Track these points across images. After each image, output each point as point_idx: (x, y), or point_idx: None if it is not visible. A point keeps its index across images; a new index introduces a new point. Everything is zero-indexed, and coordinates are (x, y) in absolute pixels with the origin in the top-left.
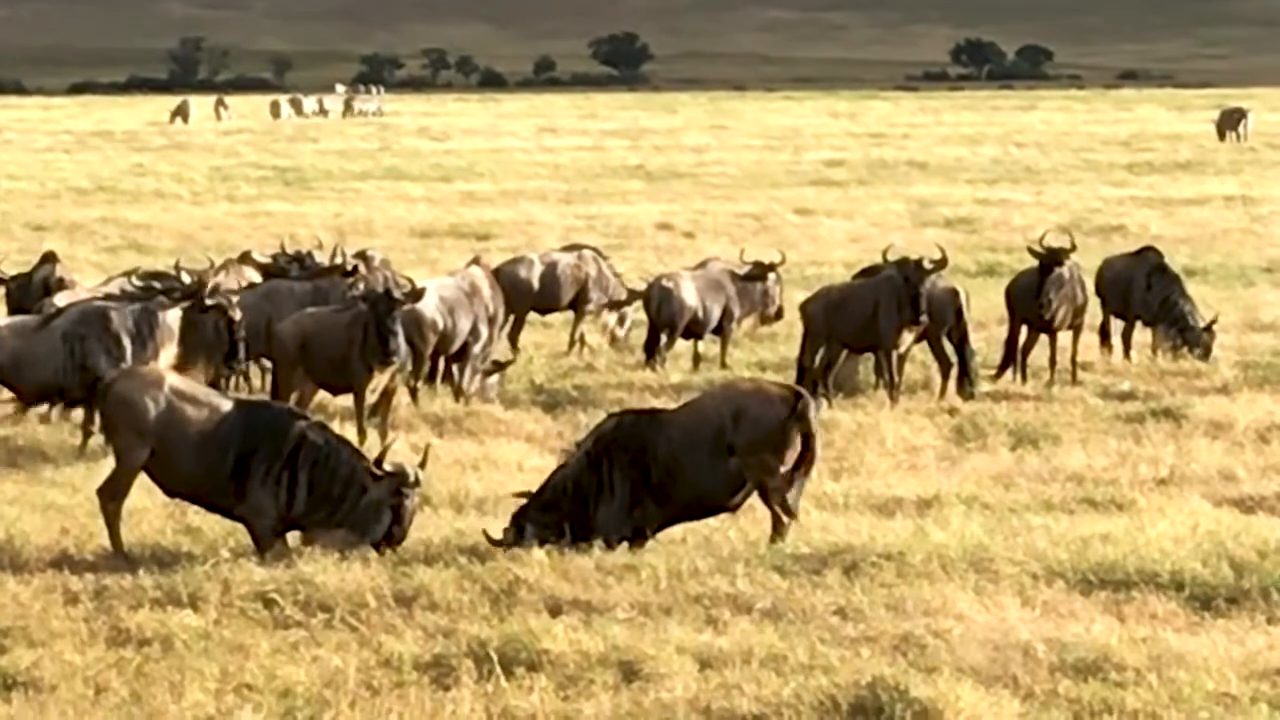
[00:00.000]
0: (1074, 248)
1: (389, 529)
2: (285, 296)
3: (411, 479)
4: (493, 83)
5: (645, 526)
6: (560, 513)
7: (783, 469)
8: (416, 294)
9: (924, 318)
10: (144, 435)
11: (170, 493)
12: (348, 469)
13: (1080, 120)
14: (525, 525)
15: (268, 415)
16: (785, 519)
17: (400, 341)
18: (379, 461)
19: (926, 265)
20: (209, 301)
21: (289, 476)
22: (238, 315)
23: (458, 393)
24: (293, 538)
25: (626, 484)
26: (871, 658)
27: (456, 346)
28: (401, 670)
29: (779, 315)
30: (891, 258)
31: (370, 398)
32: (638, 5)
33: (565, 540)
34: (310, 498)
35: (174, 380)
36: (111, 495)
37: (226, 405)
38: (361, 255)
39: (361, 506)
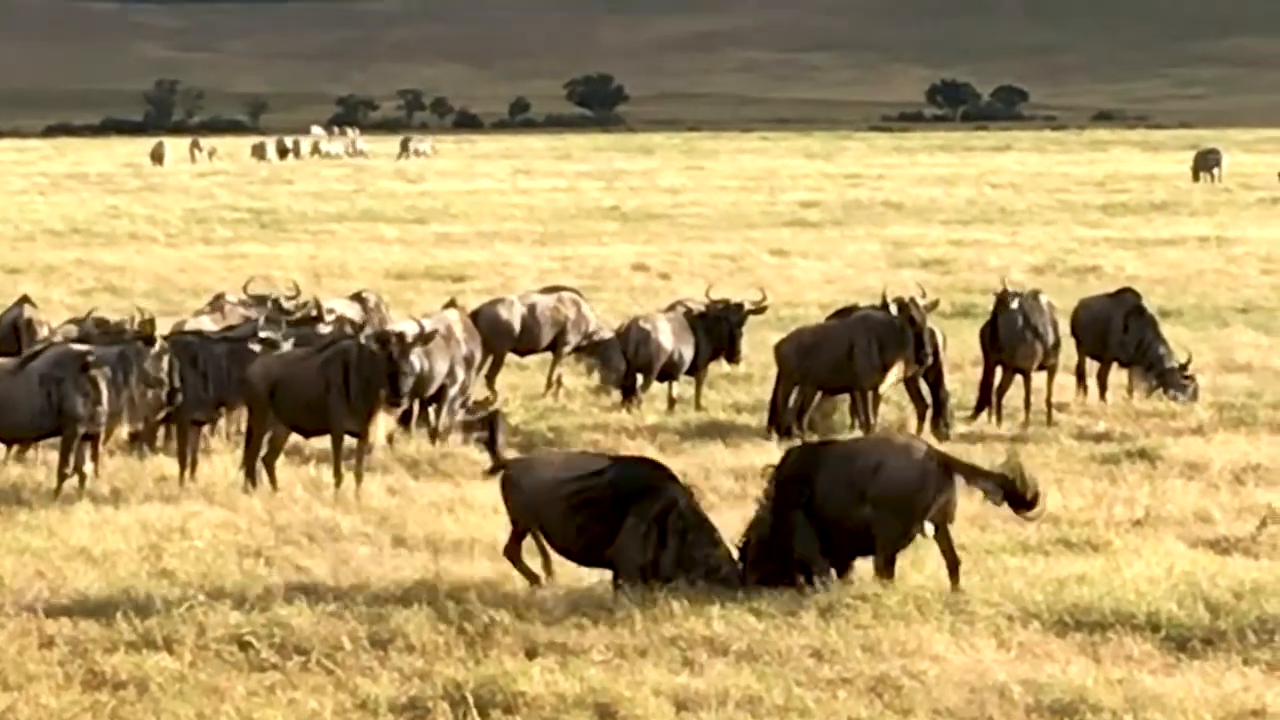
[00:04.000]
0: (1035, 294)
1: None
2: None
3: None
4: (468, 124)
5: (836, 555)
6: (770, 553)
7: (909, 533)
8: (427, 337)
9: (929, 358)
10: None
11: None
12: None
13: (1055, 161)
14: (753, 571)
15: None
16: (886, 576)
17: (410, 383)
18: None
19: (923, 305)
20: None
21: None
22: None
23: (434, 435)
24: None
25: (803, 513)
26: (848, 699)
27: (433, 389)
28: (377, 713)
29: (738, 358)
30: (890, 298)
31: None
32: (613, 46)
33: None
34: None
35: None
36: None
37: None
38: (358, 297)
39: None
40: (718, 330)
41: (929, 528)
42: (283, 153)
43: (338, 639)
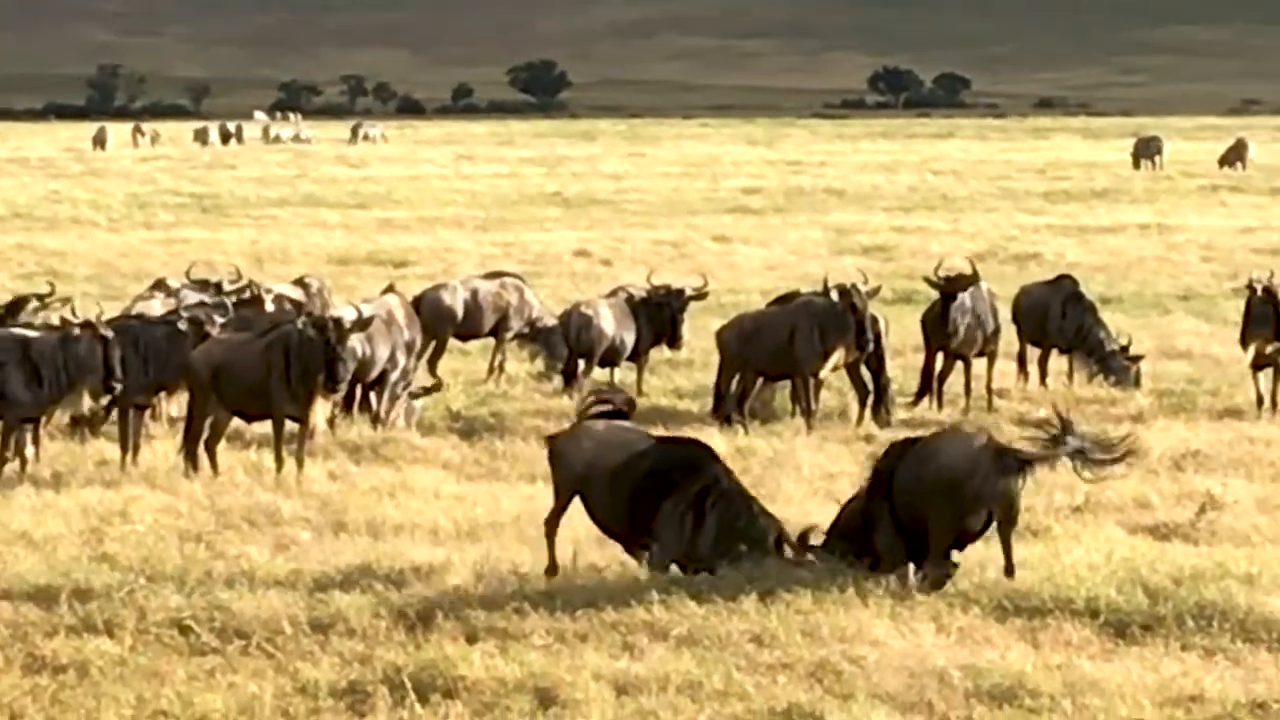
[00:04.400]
0: (975, 275)
1: None
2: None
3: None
4: (410, 110)
5: (917, 550)
6: (850, 540)
7: (959, 524)
8: (365, 323)
9: (870, 344)
10: None
11: None
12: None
13: (997, 148)
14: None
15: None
16: (935, 574)
17: (349, 368)
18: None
19: (865, 292)
20: (76, 323)
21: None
22: (110, 335)
23: (375, 420)
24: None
25: (885, 507)
26: (787, 684)
27: (375, 374)
28: (317, 697)
29: (679, 344)
30: (832, 284)
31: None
32: (555, 33)
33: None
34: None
35: None
36: None
37: None
38: (300, 282)
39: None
40: (659, 316)
41: (985, 521)
42: (225, 138)
43: (278, 623)
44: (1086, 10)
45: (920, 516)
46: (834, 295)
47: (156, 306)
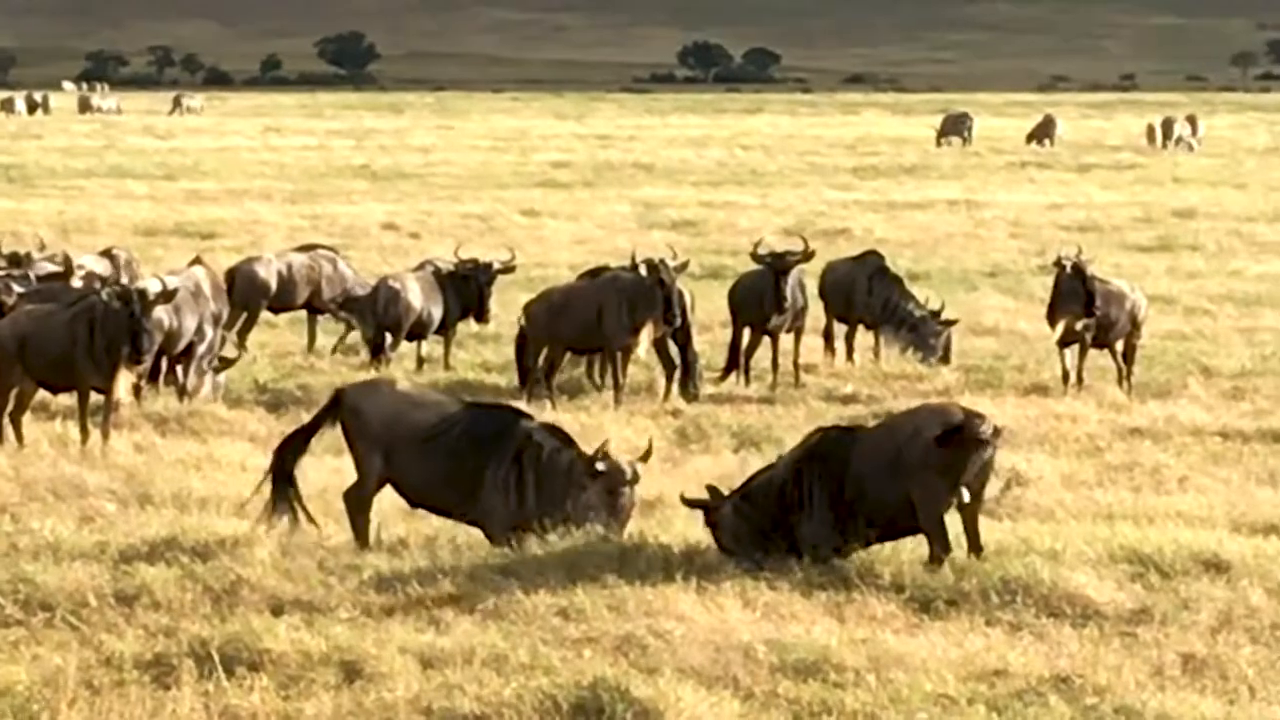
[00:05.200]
0: (809, 252)
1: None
2: None
3: (629, 475)
4: (219, 81)
5: (853, 540)
6: (761, 512)
7: (950, 496)
8: (169, 295)
9: (677, 319)
10: None
11: None
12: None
13: (806, 124)
14: (727, 505)
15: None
16: (940, 553)
17: (154, 340)
18: (596, 458)
19: (673, 266)
20: None
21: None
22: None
23: (181, 392)
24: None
25: (826, 498)
26: (593, 658)
27: (181, 346)
28: (122, 669)
29: (486, 318)
30: (640, 259)
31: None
32: (364, 5)
33: (759, 542)
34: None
35: None
36: None
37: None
38: (108, 253)
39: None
40: (467, 290)
41: (964, 493)
42: (32, 108)
43: (83, 595)
44: None
45: (893, 501)
46: (642, 270)
47: None
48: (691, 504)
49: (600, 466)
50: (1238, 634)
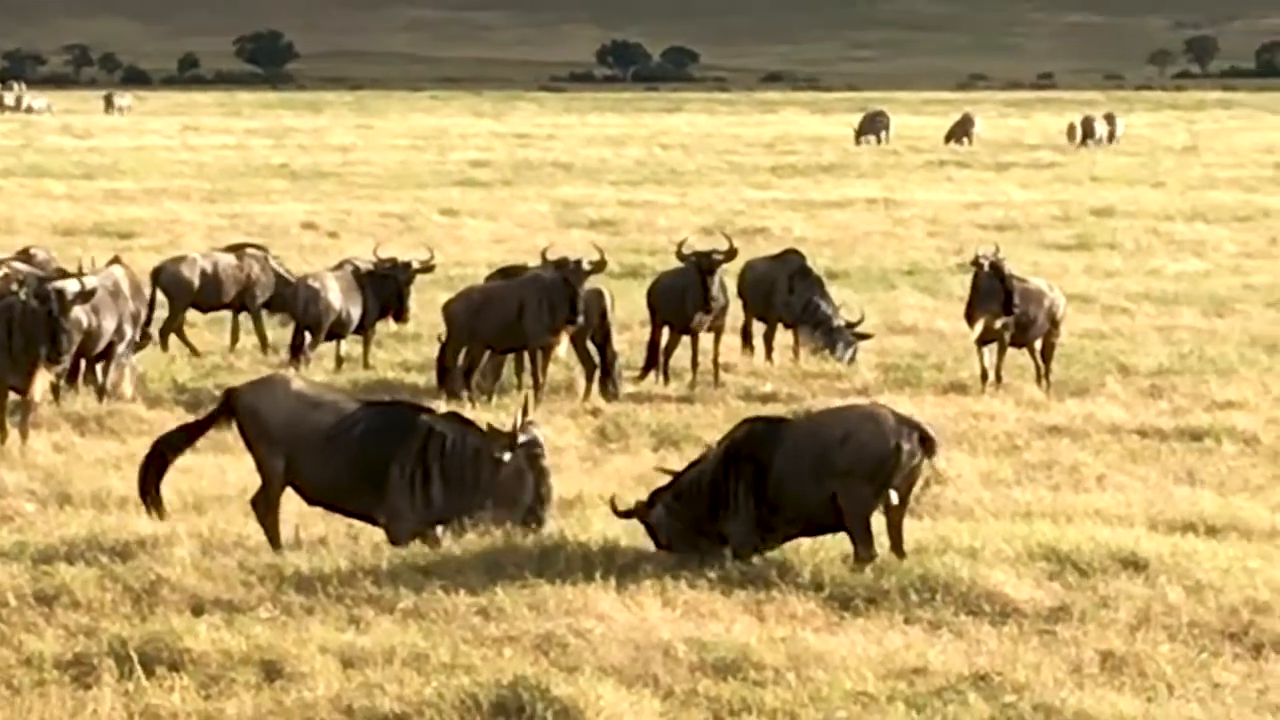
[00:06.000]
0: (734, 251)
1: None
2: None
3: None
4: (136, 80)
5: (772, 538)
6: (692, 509)
7: (877, 501)
8: (88, 294)
9: (580, 318)
10: None
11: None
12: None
13: (724, 123)
14: (659, 506)
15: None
16: (865, 555)
17: (73, 340)
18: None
19: (585, 266)
20: None
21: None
22: None
23: (100, 392)
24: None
25: (750, 495)
26: (513, 657)
27: (101, 346)
28: (42, 669)
29: (405, 317)
30: (551, 258)
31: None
32: (282, 4)
33: (693, 539)
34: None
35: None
36: None
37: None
38: (25, 253)
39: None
40: (386, 289)
41: (893, 495)
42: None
43: (2, 595)
44: None
45: (817, 502)
46: (549, 270)
47: None
48: (624, 515)
49: (522, 438)
50: (1156, 632)
